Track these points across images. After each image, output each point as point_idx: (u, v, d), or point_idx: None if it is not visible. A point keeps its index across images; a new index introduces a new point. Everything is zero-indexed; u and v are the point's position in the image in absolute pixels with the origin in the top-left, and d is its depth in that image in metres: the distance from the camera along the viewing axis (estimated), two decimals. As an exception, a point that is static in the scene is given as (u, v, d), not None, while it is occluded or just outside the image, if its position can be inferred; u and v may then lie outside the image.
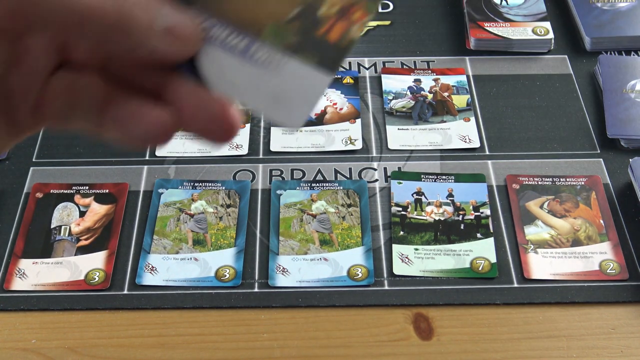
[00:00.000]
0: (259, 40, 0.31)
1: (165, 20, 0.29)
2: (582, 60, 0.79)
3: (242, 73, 0.31)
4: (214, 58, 0.31)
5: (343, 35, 0.31)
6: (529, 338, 0.56)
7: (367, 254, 0.61)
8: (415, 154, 0.70)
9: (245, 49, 0.31)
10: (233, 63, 0.31)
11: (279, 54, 0.31)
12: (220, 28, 0.31)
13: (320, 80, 0.31)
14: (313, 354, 0.56)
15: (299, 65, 0.31)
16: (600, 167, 0.68)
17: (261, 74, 0.31)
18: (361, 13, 0.31)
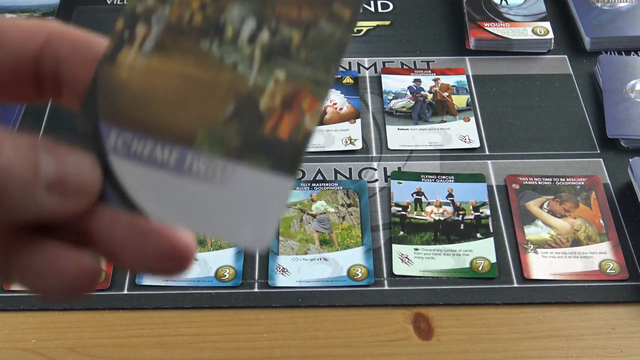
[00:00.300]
0: (192, 150, 0.26)
1: (49, 171, 0.24)
2: (582, 60, 0.79)
3: (181, 192, 0.26)
4: (142, 179, 0.26)
5: (295, 129, 0.26)
6: (529, 338, 0.56)
7: (367, 254, 0.61)
8: (415, 154, 0.70)
9: (178, 163, 0.26)
10: (168, 181, 0.26)
11: (221, 163, 0.26)
12: (141, 142, 0.26)
13: (279, 186, 0.25)
14: (313, 354, 0.56)
15: (248, 172, 0.26)
16: (600, 167, 0.68)
17: (205, 190, 0.26)
18: (310, 100, 0.26)
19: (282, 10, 0.27)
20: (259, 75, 0.26)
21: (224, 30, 0.27)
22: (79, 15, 0.84)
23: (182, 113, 0.26)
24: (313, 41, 0.27)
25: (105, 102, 0.27)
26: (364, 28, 0.83)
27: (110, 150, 0.26)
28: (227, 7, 0.27)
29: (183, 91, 0.26)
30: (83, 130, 0.27)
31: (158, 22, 0.27)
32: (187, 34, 0.27)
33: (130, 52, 0.27)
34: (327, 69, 0.26)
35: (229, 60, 0.27)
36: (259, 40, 0.27)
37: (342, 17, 0.26)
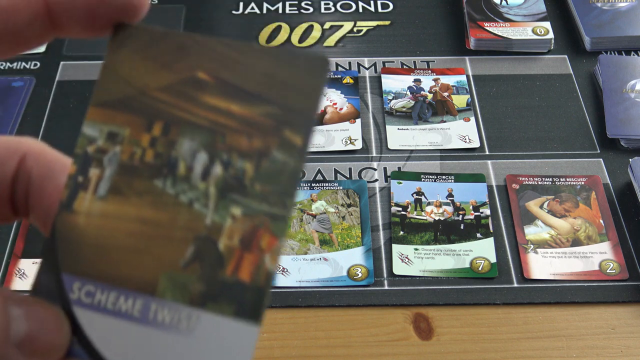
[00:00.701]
0: (155, 298, 0.25)
1: (20, 330, 0.24)
2: (582, 60, 0.79)
3: (148, 343, 0.25)
4: (108, 330, 0.25)
5: (256, 271, 0.25)
6: (529, 338, 0.56)
7: (367, 254, 0.61)
8: (415, 154, 0.70)
9: (143, 313, 0.25)
10: (134, 332, 0.25)
11: (185, 311, 0.25)
12: (105, 292, 0.26)
13: (244, 334, 0.25)
14: (313, 354, 0.56)
15: (213, 320, 0.25)
16: (600, 167, 0.68)
17: (172, 340, 0.25)
18: (269, 238, 0.25)
19: (233, 141, 0.26)
20: (215, 214, 0.26)
21: (176, 166, 0.26)
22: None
23: (142, 259, 0.26)
24: (266, 173, 0.26)
25: (65, 253, 0.26)
26: (364, 28, 0.83)
27: (75, 302, 0.26)
28: (177, 141, 0.26)
29: (141, 236, 0.26)
30: (46, 283, 0.26)
31: (110, 162, 0.27)
32: (141, 173, 0.26)
33: (86, 198, 0.27)
34: (283, 203, 0.25)
35: (184, 198, 0.26)
36: (213, 175, 0.26)
37: (294, 144, 0.26)
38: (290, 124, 0.26)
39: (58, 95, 0.75)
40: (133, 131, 0.27)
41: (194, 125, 0.27)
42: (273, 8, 0.85)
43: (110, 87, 0.27)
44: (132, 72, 0.27)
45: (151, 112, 0.27)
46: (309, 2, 0.86)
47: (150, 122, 0.27)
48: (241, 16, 0.85)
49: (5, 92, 0.75)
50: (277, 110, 0.26)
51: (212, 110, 0.26)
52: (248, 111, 0.26)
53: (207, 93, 0.27)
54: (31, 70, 0.78)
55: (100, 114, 0.27)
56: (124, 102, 0.27)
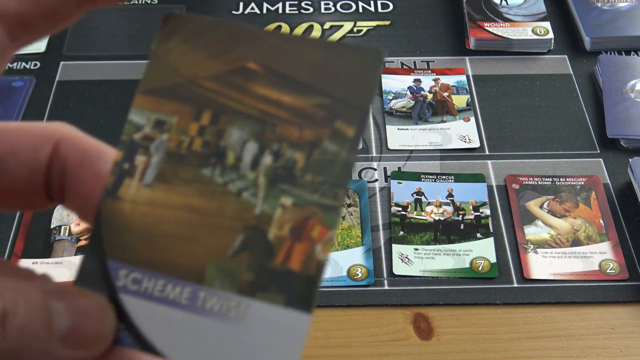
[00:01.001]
0: (203, 286, 0.25)
1: (62, 324, 0.23)
2: (582, 60, 0.79)
3: (197, 331, 0.25)
4: (156, 318, 0.25)
5: (307, 261, 0.25)
6: (529, 338, 0.56)
7: (367, 254, 0.61)
8: (415, 154, 0.70)
9: (191, 301, 0.25)
10: (182, 320, 0.25)
11: (234, 300, 0.25)
12: (152, 280, 0.26)
13: (296, 322, 0.25)
14: (313, 354, 0.56)
15: (263, 308, 0.25)
16: (600, 167, 0.68)
17: (221, 328, 0.25)
18: (320, 229, 0.25)
19: (284, 132, 0.26)
20: (265, 203, 0.26)
21: (225, 155, 0.26)
22: (79, 15, 0.84)
23: (190, 247, 0.26)
24: (317, 163, 0.26)
25: (110, 240, 0.26)
26: (364, 28, 0.83)
27: (121, 289, 0.26)
28: (226, 130, 0.26)
29: (189, 224, 0.26)
30: (91, 270, 0.26)
31: (157, 150, 0.27)
32: (188, 162, 0.26)
33: (132, 185, 0.26)
34: (335, 194, 0.25)
35: (233, 187, 0.26)
36: (262, 165, 0.26)
37: (346, 135, 0.26)
38: (342, 116, 0.26)
39: (58, 95, 0.75)
40: (181, 120, 0.27)
41: (243, 114, 0.26)
42: (273, 8, 0.85)
43: (159, 75, 0.27)
44: (181, 61, 0.27)
45: (200, 101, 0.27)
46: (309, 2, 0.86)
47: (198, 110, 0.27)
48: (241, 16, 0.85)
49: (5, 92, 0.75)
50: (329, 101, 0.26)
51: (262, 100, 0.26)
52: (299, 102, 0.26)
53: (257, 83, 0.26)
54: (31, 70, 0.78)
55: (148, 102, 0.27)
56: (173, 91, 0.27)
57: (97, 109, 0.74)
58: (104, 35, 0.82)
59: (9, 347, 0.22)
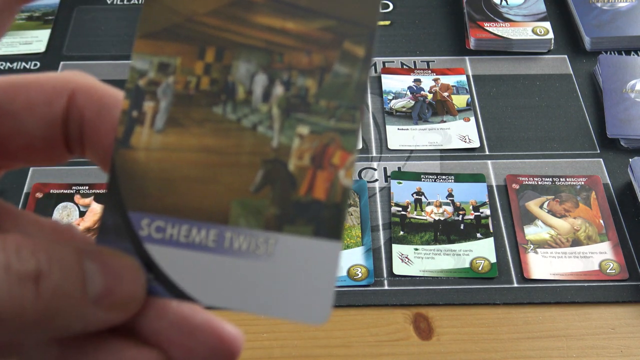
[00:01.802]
0: (229, 227, 0.25)
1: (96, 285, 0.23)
2: (582, 60, 0.79)
3: (227, 273, 0.25)
4: (184, 264, 0.25)
5: (331, 188, 0.25)
6: (529, 338, 0.56)
7: (367, 254, 0.61)
8: (415, 154, 0.70)
9: (218, 243, 0.25)
10: (211, 263, 0.25)
11: (262, 236, 0.25)
12: (175, 226, 0.25)
13: (327, 252, 0.24)
14: (313, 354, 0.56)
15: (292, 242, 0.24)
16: (600, 167, 0.68)
17: (251, 267, 0.24)
18: (341, 154, 0.25)
19: (292, 59, 0.26)
20: (282, 135, 0.25)
21: (235, 91, 0.26)
22: (79, 15, 0.84)
23: (211, 189, 0.25)
24: (330, 87, 0.25)
25: (128, 190, 0.25)
26: (364, 28, 0.83)
27: (145, 239, 0.25)
28: (232, 65, 0.26)
29: (206, 165, 0.25)
30: (113, 224, 0.25)
31: (164, 94, 0.26)
32: (198, 102, 0.26)
33: (143, 132, 0.26)
34: (352, 117, 0.25)
35: (247, 123, 0.26)
36: (274, 96, 0.26)
37: (357, 55, 0.25)
38: (350, 36, 0.25)
39: (58, 95, 0.75)
40: (185, 60, 0.26)
41: (248, 47, 0.26)
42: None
43: (155, 18, 0.26)
44: (177, 0, 0.26)
45: (201, 39, 0.26)
46: (309, 2, 0.86)
47: (201, 48, 0.26)
48: None
49: (5, 92, 0.75)
50: (334, 23, 0.25)
51: (266, 30, 0.26)
52: (304, 27, 0.26)
53: (258, 13, 0.26)
54: (31, 70, 0.78)
55: (148, 46, 0.26)
56: (172, 31, 0.26)
57: (97, 109, 0.74)
58: (104, 35, 0.82)
59: (43, 307, 0.22)
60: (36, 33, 0.82)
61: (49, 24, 0.83)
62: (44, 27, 0.83)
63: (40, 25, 0.83)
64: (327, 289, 0.24)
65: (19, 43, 0.81)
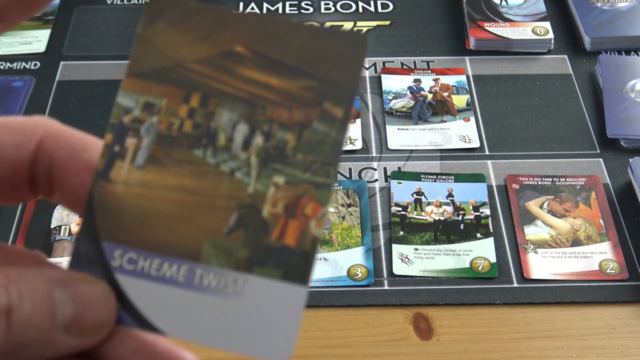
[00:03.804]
0: (200, 264, 0.26)
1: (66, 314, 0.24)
2: (582, 60, 0.79)
3: (195, 307, 0.25)
4: (154, 296, 0.26)
5: (302, 236, 0.26)
6: (529, 338, 0.56)
7: (367, 254, 0.61)
8: (415, 154, 0.70)
9: (188, 278, 0.26)
10: (180, 297, 0.25)
11: (232, 275, 0.25)
12: (147, 259, 0.26)
13: (294, 296, 0.25)
14: (313, 354, 0.56)
15: (261, 283, 0.25)
16: (600, 167, 0.68)
17: (219, 304, 0.25)
18: (314, 205, 0.26)
19: (273, 113, 0.27)
20: (258, 182, 0.26)
21: (216, 136, 0.27)
22: (79, 15, 0.84)
23: (185, 227, 0.26)
24: (308, 143, 0.26)
25: (104, 221, 0.26)
26: (363, 28, 0.83)
27: (117, 270, 0.26)
28: (216, 112, 0.27)
29: (183, 204, 0.26)
30: (86, 252, 0.26)
31: (147, 132, 0.27)
32: (179, 143, 0.27)
33: (124, 167, 0.27)
34: (326, 172, 0.26)
35: (225, 168, 0.26)
36: (254, 145, 0.27)
37: (335, 116, 0.26)
38: (330, 97, 0.26)
39: (58, 95, 0.75)
40: (170, 102, 0.27)
41: (232, 97, 0.27)
42: (273, 8, 0.85)
43: (146, 58, 0.27)
44: (169, 44, 0.27)
45: (188, 84, 0.27)
46: (309, 2, 0.86)
47: (187, 93, 0.27)
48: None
49: (5, 92, 0.75)
50: (317, 83, 0.27)
51: (251, 83, 0.27)
52: (287, 84, 0.27)
53: (245, 66, 0.27)
54: (31, 70, 0.78)
55: (136, 84, 0.27)
56: (161, 73, 0.27)
57: (97, 109, 0.74)
58: (104, 35, 0.82)
59: (14, 340, 0.23)
60: (36, 33, 0.82)
61: (49, 24, 0.83)
62: (44, 27, 0.83)
63: (40, 25, 0.83)
64: (291, 329, 0.25)
65: (19, 43, 0.81)
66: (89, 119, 0.72)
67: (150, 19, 0.27)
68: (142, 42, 0.27)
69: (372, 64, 0.79)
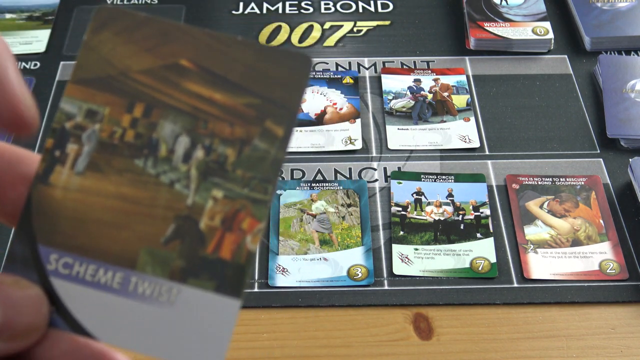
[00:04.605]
0: (135, 272, 0.26)
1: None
2: (582, 60, 0.79)
3: (128, 314, 0.26)
4: (88, 301, 0.26)
5: (237, 250, 0.26)
6: (529, 338, 0.56)
7: (367, 253, 0.61)
8: (415, 154, 0.70)
9: (123, 285, 0.26)
10: (114, 303, 0.26)
11: (166, 285, 0.26)
12: (83, 264, 0.26)
13: (226, 308, 0.25)
14: (313, 354, 0.56)
15: (194, 294, 0.26)
16: (600, 167, 0.68)
17: (152, 312, 0.26)
18: (250, 220, 0.26)
19: (215, 128, 0.27)
20: (197, 195, 0.26)
21: (157, 147, 0.27)
22: (79, 15, 0.84)
23: (122, 234, 0.26)
24: (248, 159, 0.27)
25: (41, 224, 0.26)
26: (363, 28, 0.83)
27: (52, 273, 0.26)
28: (159, 123, 0.27)
29: (121, 212, 0.26)
30: (21, 255, 0.26)
31: (89, 139, 0.27)
32: (120, 152, 0.27)
33: (63, 172, 0.27)
34: (264, 189, 0.26)
35: (165, 179, 0.27)
36: (194, 158, 0.27)
37: (276, 134, 0.27)
38: (272, 116, 0.27)
39: (58, 95, 0.75)
40: (113, 111, 0.27)
41: (176, 109, 0.27)
42: (273, 8, 0.85)
43: (91, 66, 0.27)
44: (114, 53, 0.27)
45: (132, 94, 0.27)
46: (309, 2, 0.86)
47: (131, 103, 0.27)
48: (241, 16, 0.85)
49: (5, 92, 0.75)
50: (259, 101, 0.27)
51: (195, 97, 0.27)
52: (230, 100, 0.27)
53: (189, 80, 0.27)
54: (31, 70, 0.78)
55: (80, 91, 0.27)
56: (105, 82, 0.27)
57: (97, 109, 0.74)
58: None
59: None
60: (36, 33, 0.82)
61: (49, 24, 0.83)
62: (44, 27, 0.83)
63: (40, 25, 0.83)
64: (222, 340, 0.25)
65: (19, 43, 0.81)
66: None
67: (97, 27, 0.28)
68: (87, 50, 0.28)
69: (372, 64, 0.79)
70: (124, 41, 0.27)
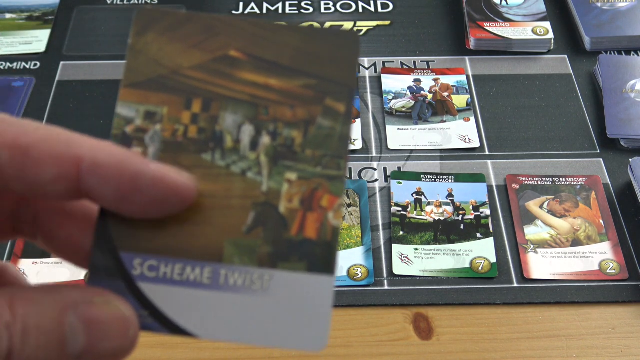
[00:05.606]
0: (223, 264, 0.26)
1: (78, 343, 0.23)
2: (582, 60, 0.79)
3: (224, 307, 0.25)
4: (180, 300, 0.26)
5: (322, 228, 0.26)
6: (529, 338, 0.56)
7: (367, 253, 0.61)
8: (415, 154, 0.70)
9: (213, 280, 0.26)
10: (207, 299, 0.26)
11: (257, 272, 0.26)
12: (169, 265, 0.26)
13: (321, 286, 0.26)
14: (313, 354, 0.55)
15: (287, 277, 0.26)
16: (600, 167, 0.68)
17: (248, 302, 0.25)
18: (329, 197, 0.26)
19: (277, 112, 0.27)
20: (271, 180, 0.27)
21: (222, 139, 0.27)
22: (79, 15, 0.84)
23: (203, 230, 0.26)
24: (315, 138, 0.27)
25: (119, 232, 0.26)
26: (363, 28, 0.83)
27: (138, 278, 0.26)
28: (219, 116, 0.27)
29: (198, 208, 0.26)
30: (104, 265, 0.26)
31: (152, 141, 0.27)
32: (186, 149, 0.27)
33: None
34: (337, 165, 0.27)
35: (236, 169, 0.27)
36: (262, 145, 0.27)
37: (338, 111, 0.27)
38: (331, 93, 0.27)
39: (58, 95, 0.75)
40: (171, 109, 0.27)
41: (234, 100, 0.27)
42: (273, 8, 0.85)
43: (140, 69, 0.27)
44: (162, 54, 0.28)
45: (187, 90, 0.27)
46: (309, 2, 0.86)
47: (188, 99, 0.27)
48: (241, 16, 0.85)
49: (5, 92, 0.75)
50: (315, 81, 0.27)
51: (251, 85, 0.27)
52: (286, 84, 0.27)
53: (242, 69, 0.27)
54: (31, 70, 0.78)
55: (134, 95, 0.27)
56: (157, 82, 0.27)
57: (97, 109, 0.74)
58: (104, 35, 0.82)
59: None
60: (36, 33, 0.82)
61: (49, 24, 0.83)
62: (44, 27, 0.83)
63: (40, 25, 0.83)
64: (323, 318, 0.25)
65: (19, 43, 0.81)
66: (89, 119, 0.72)
67: (140, 30, 0.28)
68: (134, 53, 0.28)
69: (372, 64, 0.79)
70: (169, 40, 0.28)
